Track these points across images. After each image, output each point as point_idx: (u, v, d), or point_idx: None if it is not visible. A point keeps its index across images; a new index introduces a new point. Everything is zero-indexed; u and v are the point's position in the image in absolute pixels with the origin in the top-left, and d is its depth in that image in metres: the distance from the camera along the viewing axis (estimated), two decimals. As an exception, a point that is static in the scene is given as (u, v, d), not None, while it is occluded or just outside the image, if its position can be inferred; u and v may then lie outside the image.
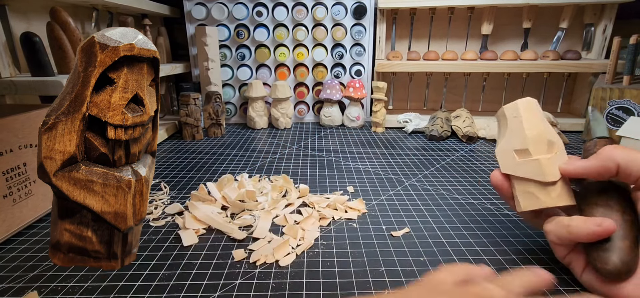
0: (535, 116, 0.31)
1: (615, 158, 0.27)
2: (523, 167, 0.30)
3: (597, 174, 0.28)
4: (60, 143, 0.28)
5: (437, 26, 0.97)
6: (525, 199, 0.30)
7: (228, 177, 0.52)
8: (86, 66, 0.28)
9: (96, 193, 0.30)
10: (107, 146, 0.30)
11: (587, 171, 0.28)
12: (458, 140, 0.80)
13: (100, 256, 0.32)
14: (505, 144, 0.31)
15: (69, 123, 0.28)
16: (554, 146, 0.30)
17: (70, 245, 0.31)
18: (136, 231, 0.35)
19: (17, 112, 0.40)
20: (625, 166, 0.27)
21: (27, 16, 0.59)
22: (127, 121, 0.29)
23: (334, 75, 0.98)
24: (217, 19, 0.94)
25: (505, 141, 0.31)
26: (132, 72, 0.30)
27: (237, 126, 0.97)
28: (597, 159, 0.28)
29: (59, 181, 0.29)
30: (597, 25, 0.89)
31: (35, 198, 0.42)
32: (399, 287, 0.32)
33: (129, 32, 0.29)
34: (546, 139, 0.29)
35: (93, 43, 0.27)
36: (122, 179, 0.31)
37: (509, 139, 0.31)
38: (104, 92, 0.29)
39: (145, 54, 0.30)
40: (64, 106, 0.28)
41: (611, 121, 0.73)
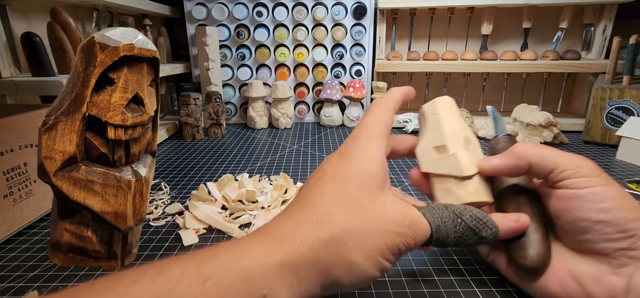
0: (453, 114, 0.31)
1: (526, 157, 0.27)
2: (441, 163, 0.29)
3: (510, 172, 0.28)
4: (60, 143, 0.28)
5: (437, 26, 0.97)
6: (443, 196, 0.29)
7: (228, 177, 0.52)
8: (86, 66, 0.28)
9: (96, 193, 0.30)
10: (107, 146, 0.30)
11: (501, 168, 0.28)
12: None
13: (100, 256, 0.32)
14: (425, 142, 0.31)
15: (69, 123, 0.28)
16: (471, 143, 0.30)
17: (70, 245, 0.31)
18: (136, 231, 0.35)
19: (18, 112, 0.40)
20: (536, 163, 0.27)
21: (28, 16, 0.59)
22: (127, 121, 0.29)
23: (334, 75, 0.98)
24: (218, 19, 0.94)
25: (425, 140, 0.31)
26: (132, 72, 0.30)
27: (238, 126, 0.97)
28: (510, 157, 0.28)
29: (59, 181, 0.29)
30: (596, 26, 0.89)
31: (36, 197, 0.42)
32: (399, 286, 0.32)
33: (129, 32, 0.29)
34: (463, 136, 0.29)
35: (93, 43, 0.28)
36: (122, 179, 0.31)
37: (428, 138, 0.31)
38: (104, 92, 0.29)
39: (145, 54, 0.30)
40: (64, 106, 0.28)
41: (611, 121, 0.73)
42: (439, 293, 0.31)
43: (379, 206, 0.23)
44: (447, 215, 0.26)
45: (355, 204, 0.23)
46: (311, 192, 0.24)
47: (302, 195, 0.25)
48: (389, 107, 0.29)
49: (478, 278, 0.33)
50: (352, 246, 0.21)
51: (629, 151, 0.65)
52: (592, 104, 0.75)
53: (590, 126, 0.76)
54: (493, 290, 0.31)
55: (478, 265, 0.34)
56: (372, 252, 0.22)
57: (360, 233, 0.22)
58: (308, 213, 0.23)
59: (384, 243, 0.22)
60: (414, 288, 0.31)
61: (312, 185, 0.25)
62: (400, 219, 0.23)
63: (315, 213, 0.22)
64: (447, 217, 0.26)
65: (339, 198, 0.23)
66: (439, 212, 0.26)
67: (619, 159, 0.66)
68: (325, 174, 0.25)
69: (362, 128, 0.27)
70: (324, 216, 0.22)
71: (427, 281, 0.32)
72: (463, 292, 0.31)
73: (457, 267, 0.34)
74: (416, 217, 0.24)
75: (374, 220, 0.23)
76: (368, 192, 0.23)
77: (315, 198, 0.24)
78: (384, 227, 0.22)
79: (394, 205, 0.24)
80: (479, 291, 0.31)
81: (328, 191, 0.23)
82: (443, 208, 0.26)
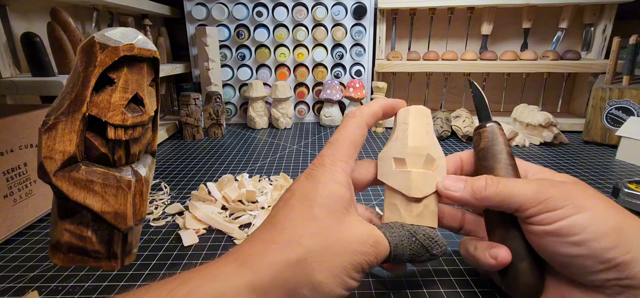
0: (423, 128, 0.29)
1: (485, 199, 0.26)
2: (395, 176, 0.28)
3: (469, 206, 0.28)
4: (60, 143, 0.28)
5: (437, 26, 0.97)
6: (389, 211, 0.28)
7: (228, 177, 0.52)
8: (86, 66, 0.28)
9: (96, 193, 0.30)
10: (107, 146, 0.30)
11: (458, 200, 0.27)
12: (458, 140, 0.80)
13: (100, 257, 0.32)
14: (387, 149, 0.29)
15: (69, 123, 0.28)
16: (433, 164, 0.28)
17: (70, 245, 0.31)
18: (136, 231, 0.35)
19: (18, 112, 0.40)
20: (498, 205, 0.26)
21: (28, 16, 0.59)
22: (127, 121, 0.29)
23: (334, 75, 0.98)
24: (218, 19, 0.94)
25: (389, 147, 0.29)
26: (132, 72, 0.30)
27: (237, 126, 0.97)
28: (469, 192, 0.26)
29: (59, 181, 0.29)
30: (596, 26, 0.89)
31: (36, 198, 0.42)
32: (397, 283, 0.32)
33: (129, 32, 0.29)
34: (425, 154, 0.28)
35: (93, 43, 0.28)
36: (122, 179, 0.31)
37: (392, 146, 0.29)
38: (104, 92, 0.29)
39: (145, 54, 0.30)
40: (64, 106, 0.28)
41: (611, 121, 0.73)
42: (439, 293, 0.31)
43: (345, 228, 0.24)
44: (403, 234, 0.26)
45: (321, 226, 0.23)
46: (280, 213, 0.25)
47: (273, 215, 0.25)
48: (362, 122, 0.28)
49: (479, 279, 0.33)
50: (317, 267, 0.22)
51: (629, 151, 0.65)
52: (592, 104, 0.75)
53: (590, 126, 0.76)
54: (493, 290, 0.31)
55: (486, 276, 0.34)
56: (336, 271, 0.22)
57: (326, 254, 0.22)
58: (276, 234, 0.23)
59: (348, 262, 0.23)
60: (413, 287, 0.31)
61: (281, 206, 0.26)
62: (364, 238, 0.24)
63: (283, 235, 0.23)
64: (403, 236, 0.26)
65: (306, 221, 0.24)
66: (397, 231, 0.26)
67: (619, 159, 0.66)
68: (294, 195, 0.25)
69: (330, 148, 0.27)
70: (291, 238, 0.23)
71: (428, 282, 0.32)
72: (463, 292, 0.31)
73: (458, 267, 0.34)
74: (379, 237, 0.25)
75: (339, 241, 0.23)
76: (333, 214, 0.24)
77: (283, 220, 0.24)
78: (348, 247, 0.23)
79: (358, 226, 0.25)
80: (478, 291, 0.31)
81: (295, 213, 0.24)
82: (400, 227, 0.27)
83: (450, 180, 0.28)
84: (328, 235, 0.23)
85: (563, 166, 0.63)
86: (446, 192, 0.28)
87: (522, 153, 0.70)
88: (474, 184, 0.27)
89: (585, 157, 0.68)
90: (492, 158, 0.29)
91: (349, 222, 0.25)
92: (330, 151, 0.27)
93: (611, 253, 0.22)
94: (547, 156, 0.68)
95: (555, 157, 0.68)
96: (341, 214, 0.24)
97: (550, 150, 0.72)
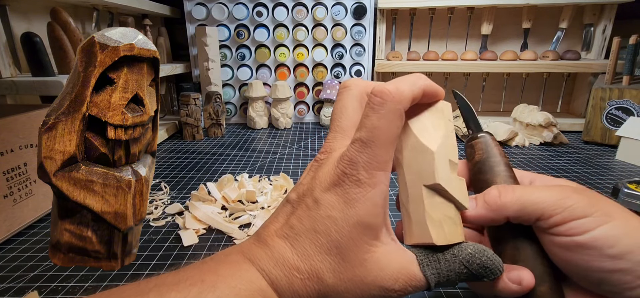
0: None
1: (502, 209, 0.22)
2: (455, 183, 0.23)
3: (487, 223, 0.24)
4: (60, 143, 0.28)
5: (437, 26, 0.97)
6: (437, 226, 0.22)
7: (228, 177, 0.52)
8: (86, 66, 0.28)
9: (96, 193, 0.30)
10: (107, 146, 0.30)
11: (477, 219, 0.23)
12: (458, 140, 0.80)
13: (100, 257, 0.32)
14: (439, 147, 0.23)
15: (69, 123, 0.28)
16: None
17: (70, 245, 0.31)
18: (136, 231, 0.35)
19: (18, 112, 0.40)
20: (516, 216, 0.22)
21: (28, 16, 0.59)
22: (127, 121, 0.29)
23: (334, 75, 0.98)
24: (217, 19, 0.94)
25: (440, 144, 0.23)
26: (132, 72, 0.30)
27: (237, 126, 0.97)
28: (485, 208, 0.23)
29: (59, 181, 0.29)
30: (596, 26, 0.89)
31: (36, 198, 0.42)
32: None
33: (129, 32, 0.29)
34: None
35: (93, 43, 0.28)
36: (122, 179, 0.31)
37: (444, 144, 0.23)
38: (104, 92, 0.29)
39: (145, 54, 0.30)
40: (64, 106, 0.28)
41: (611, 121, 0.73)
42: (438, 293, 0.31)
43: (371, 265, 0.20)
44: (453, 269, 0.21)
45: (344, 264, 0.20)
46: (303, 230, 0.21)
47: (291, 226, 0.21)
48: (401, 112, 0.21)
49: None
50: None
51: (629, 151, 0.65)
52: (591, 104, 0.75)
53: (590, 126, 0.76)
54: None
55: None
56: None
57: (348, 293, 0.20)
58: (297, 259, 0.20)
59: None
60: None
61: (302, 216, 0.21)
62: (392, 281, 0.20)
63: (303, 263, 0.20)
64: (451, 270, 0.21)
65: (328, 254, 0.20)
66: (445, 265, 0.21)
67: (619, 159, 0.66)
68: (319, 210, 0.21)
69: (365, 152, 0.20)
70: (312, 272, 0.20)
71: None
72: (462, 292, 0.31)
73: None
74: (411, 275, 0.21)
75: (363, 281, 0.20)
76: (360, 247, 0.20)
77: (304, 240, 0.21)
78: (372, 289, 0.20)
79: (389, 260, 0.21)
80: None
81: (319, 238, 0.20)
82: (451, 260, 0.22)
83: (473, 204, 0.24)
84: (352, 275, 0.20)
85: (563, 166, 0.63)
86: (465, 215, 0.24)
87: (522, 153, 0.70)
88: (485, 197, 0.23)
89: (585, 157, 0.68)
90: (489, 171, 0.26)
91: (377, 258, 0.21)
92: (365, 156, 0.20)
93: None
94: (547, 156, 0.68)
95: (555, 157, 0.68)
96: (370, 245, 0.21)
97: (550, 150, 0.72)
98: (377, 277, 0.20)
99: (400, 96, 0.20)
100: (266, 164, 0.64)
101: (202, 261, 0.20)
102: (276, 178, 0.55)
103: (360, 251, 0.20)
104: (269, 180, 0.55)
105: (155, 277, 0.19)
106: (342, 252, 0.20)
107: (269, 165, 0.64)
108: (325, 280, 0.20)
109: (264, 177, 0.57)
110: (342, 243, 0.20)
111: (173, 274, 0.19)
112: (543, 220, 0.21)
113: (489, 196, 0.23)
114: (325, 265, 0.20)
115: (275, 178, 0.55)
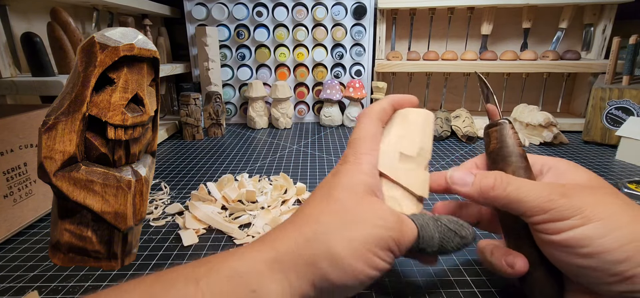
0: (430, 132, 0.30)
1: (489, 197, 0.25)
2: (403, 173, 0.27)
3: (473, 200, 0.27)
4: (60, 143, 0.28)
5: (437, 26, 0.97)
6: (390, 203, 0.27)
7: (228, 177, 0.52)
8: (86, 66, 0.28)
9: (96, 193, 0.30)
10: (107, 146, 0.30)
11: (467, 196, 0.27)
12: (458, 140, 0.80)
13: (100, 256, 0.32)
14: (394, 144, 0.28)
15: (69, 123, 0.28)
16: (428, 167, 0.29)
17: (70, 245, 0.31)
18: (136, 231, 0.35)
19: (18, 112, 0.40)
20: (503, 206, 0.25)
21: (28, 16, 0.59)
22: (127, 121, 0.29)
23: (334, 75, 0.98)
24: (218, 19, 0.94)
25: (395, 142, 0.28)
26: (132, 72, 0.30)
27: (237, 126, 0.97)
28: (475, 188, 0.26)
29: (59, 181, 0.29)
30: (596, 26, 0.89)
31: (36, 198, 0.42)
32: (397, 283, 0.32)
33: (129, 32, 0.29)
34: (429, 157, 0.29)
35: (93, 43, 0.28)
36: (122, 179, 0.31)
37: (399, 141, 0.28)
38: (104, 92, 0.29)
39: (145, 54, 0.30)
40: (64, 106, 0.28)
41: (611, 121, 0.73)
42: (438, 293, 0.31)
43: (366, 206, 0.24)
44: (427, 218, 0.26)
45: (340, 204, 0.24)
46: (303, 205, 0.26)
47: (297, 210, 0.26)
48: (374, 118, 0.29)
49: (486, 291, 0.33)
50: (335, 240, 0.22)
51: (629, 151, 0.65)
52: (591, 104, 0.75)
53: (590, 126, 0.76)
54: (492, 290, 0.31)
55: (485, 276, 0.34)
56: (356, 244, 0.22)
57: (344, 228, 0.22)
58: (296, 218, 0.24)
59: (370, 236, 0.22)
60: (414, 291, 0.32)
61: (305, 201, 0.26)
62: (387, 215, 0.24)
63: (302, 216, 0.24)
64: (428, 219, 0.26)
65: (325, 202, 0.24)
66: (420, 216, 0.26)
67: (619, 159, 0.66)
68: (318, 190, 0.26)
69: (351, 147, 0.28)
70: (310, 217, 0.23)
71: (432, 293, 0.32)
72: (462, 292, 0.31)
73: (464, 278, 0.34)
74: (403, 216, 0.25)
75: (359, 215, 0.23)
76: (355, 195, 0.24)
77: (304, 207, 0.25)
78: (369, 221, 0.23)
79: (381, 205, 0.24)
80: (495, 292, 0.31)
81: (316, 198, 0.25)
82: (420, 215, 0.26)
83: (460, 173, 0.27)
84: (347, 211, 0.23)
85: (563, 166, 0.63)
86: (453, 186, 0.27)
87: (522, 153, 0.70)
88: (482, 181, 0.26)
89: (585, 157, 0.68)
90: (502, 161, 0.28)
91: (371, 201, 0.24)
92: (351, 150, 0.27)
93: (622, 266, 0.20)
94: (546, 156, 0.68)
95: (555, 157, 0.68)
96: (363, 195, 0.24)
97: (550, 150, 0.72)
98: (372, 211, 0.24)
99: (370, 110, 0.29)
100: (266, 164, 0.64)
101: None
102: (276, 178, 0.55)
103: (356, 197, 0.24)
104: (269, 180, 0.55)
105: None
106: (339, 199, 0.24)
107: (269, 165, 0.64)
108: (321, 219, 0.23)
109: (264, 177, 0.57)
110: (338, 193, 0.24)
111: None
112: (526, 217, 0.24)
113: (484, 183, 0.26)
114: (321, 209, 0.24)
115: (275, 178, 0.55)
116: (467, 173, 0.27)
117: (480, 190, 0.26)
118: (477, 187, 0.26)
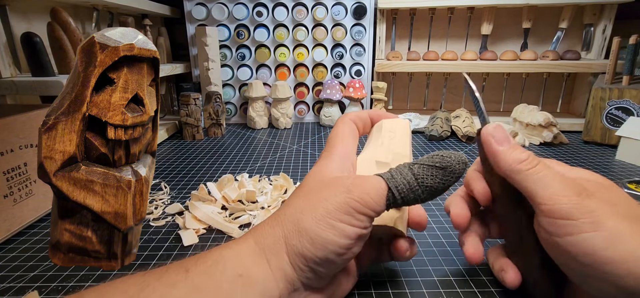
0: (406, 139, 0.31)
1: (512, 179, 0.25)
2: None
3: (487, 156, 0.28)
4: (60, 143, 0.28)
5: (437, 26, 0.97)
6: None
7: (228, 177, 0.52)
8: (86, 66, 0.28)
9: (96, 193, 0.30)
10: (107, 146, 0.30)
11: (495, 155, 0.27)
12: (458, 140, 0.80)
13: (100, 256, 0.32)
14: (370, 153, 0.31)
15: (69, 123, 0.28)
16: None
17: (70, 245, 0.31)
18: (136, 231, 0.35)
19: (18, 112, 0.40)
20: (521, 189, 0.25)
21: (28, 16, 0.59)
22: (127, 121, 0.29)
23: (334, 75, 0.98)
24: (218, 19, 0.94)
25: (372, 152, 0.31)
26: (132, 72, 0.30)
27: (237, 126, 0.97)
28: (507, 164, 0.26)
29: (59, 181, 0.29)
30: (596, 26, 0.89)
31: (36, 198, 0.42)
32: (397, 283, 0.32)
33: (129, 32, 0.29)
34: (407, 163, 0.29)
35: (93, 43, 0.28)
36: (122, 179, 0.31)
37: (374, 151, 0.31)
38: (104, 92, 0.29)
39: (145, 54, 0.30)
40: (64, 106, 0.28)
41: (611, 121, 0.73)
42: (438, 293, 0.31)
43: (330, 184, 0.26)
44: (400, 166, 0.26)
45: (308, 189, 0.26)
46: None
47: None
48: (347, 120, 0.32)
49: (486, 291, 0.33)
50: (301, 217, 0.24)
51: (629, 151, 0.65)
52: (591, 104, 0.75)
53: (590, 126, 0.76)
54: (492, 290, 0.31)
55: (486, 276, 0.34)
56: (320, 216, 0.24)
57: (310, 206, 0.25)
58: (275, 212, 0.27)
59: (331, 205, 0.24)
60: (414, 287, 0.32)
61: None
62: (346, 181, 0.25)
63: (280, 209, 0.27)
64: (400, 167, 0.26)
65: (298, 191, 0.27)
66: (391, 169, 0.26)
67: (619, 159, 0.66)
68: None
69: (325, 145, 0.31)
70: (284, 206, 0.26)
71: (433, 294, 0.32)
72: (462, 292, 0.31)
73: (464, 278, 0.34)
74: (364, 176, 0.26)
75: (323, 193, 0.25)
76: (322, 180, 0.27)
77: (284, 203, 0.28)
78: (329, 193, 0.25)
79: (344, 178, 0.26)
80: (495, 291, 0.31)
81: (293, 193, 0.28)
82: (392, 169, 0.26)
83: (500, 132, 0.27)
84: (315, 192, 0.25)
85: (563, 166, 0.63)
86: (489, 138, 0.27)
87: (522, 153, 0.70)
88: (513, 153, 0.25)
89: (585, 157, 0.68)
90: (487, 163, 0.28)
91: (335, 179, 0.26)
92: (326, 147, 0.31)
93: (625, 281, 0.20)
94: (546, 156, 0.68)
95: (555, 157, 0.68)
96: (330, 178, 0.26)
97: (550, 150, 0.72)
98: (333, 184, 0.25)
99: (345, 114, 0.33)
100: (266, 164, 0.64)
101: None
102: (276, 178, 0.55)
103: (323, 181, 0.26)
104: (269, 180, 0.55)
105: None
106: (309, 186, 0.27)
107: (269, 165, 0.64)
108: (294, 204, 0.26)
109: (264, 177, 0.57)
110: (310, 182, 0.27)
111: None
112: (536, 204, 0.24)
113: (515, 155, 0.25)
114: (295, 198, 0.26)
115: (275, 178, 0.55)
116: (506, 137, 0.27)
117: (511, 161, 0.25)
118: (509, 154, 0.26)
